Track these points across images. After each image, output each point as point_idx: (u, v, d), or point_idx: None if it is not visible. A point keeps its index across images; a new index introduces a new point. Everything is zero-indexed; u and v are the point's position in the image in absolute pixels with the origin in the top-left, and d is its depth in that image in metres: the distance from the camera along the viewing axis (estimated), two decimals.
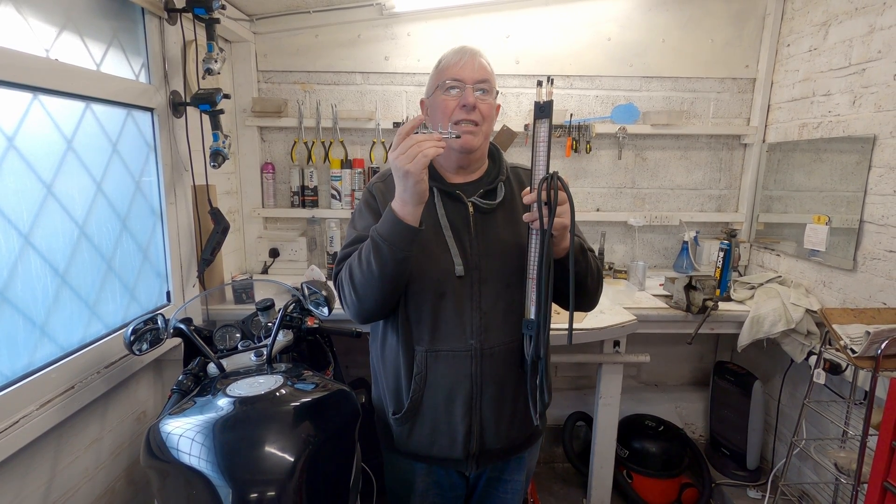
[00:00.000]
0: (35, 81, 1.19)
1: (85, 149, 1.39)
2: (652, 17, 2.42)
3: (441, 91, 1.10)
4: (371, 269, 1.00)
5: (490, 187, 1.14)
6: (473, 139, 1.10)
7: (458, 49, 1.13)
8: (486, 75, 1.11)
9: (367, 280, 1.02)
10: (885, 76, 1.77)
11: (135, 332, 1.30)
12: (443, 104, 1.10)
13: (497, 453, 1.17)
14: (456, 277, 1.07)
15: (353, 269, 1.04)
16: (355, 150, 2.50)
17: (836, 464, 1.68)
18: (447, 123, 1.09)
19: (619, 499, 2.30)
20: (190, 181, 1.83)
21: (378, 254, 0.99)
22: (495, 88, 1.14)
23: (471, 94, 1.08)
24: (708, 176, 2.60)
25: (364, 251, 1.02)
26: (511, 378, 1.12)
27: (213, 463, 0.93)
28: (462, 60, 1.10)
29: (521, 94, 2.47)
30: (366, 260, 1.01)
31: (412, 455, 1.17)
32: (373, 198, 1.15)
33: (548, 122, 0.98)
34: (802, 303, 1.99)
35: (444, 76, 1.10)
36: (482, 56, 1.13)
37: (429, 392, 1.10)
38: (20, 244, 1.19)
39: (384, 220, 1.00)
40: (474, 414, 1.11)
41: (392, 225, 0.98)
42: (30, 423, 1.15)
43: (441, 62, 1.14)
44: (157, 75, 1.69)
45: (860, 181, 1.86)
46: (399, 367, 1.12)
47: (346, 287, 1.07)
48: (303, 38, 2.39)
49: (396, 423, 1.15)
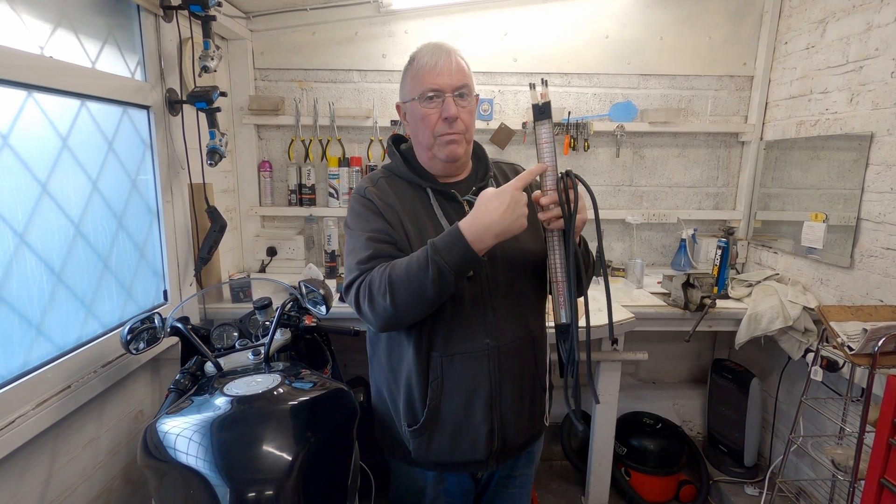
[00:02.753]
0: (29, 79, 1.18)
1: (80, 147, 1.38)
2: (650, 15, 2.42)
3: (420, 102, 1.06)
4: (425, 291, 0.95)
5: (482, 184, 1.14)
6: (458, 148, 1.08)
7: (431, 48, 1.07)
8: (464, 79, 1.06)
9: (415, 299, 0.97)
10: (883, 74, 1.77)
11: (131, 332, 1.29)
12: (425, 117, 1.06)
13: (517, 447, 1.17)
14: (466, 277, 1.06)
15: (396, 285, 0.97)
16: (353, 148, 2.49)
17: (833, 460, 1.68)
18: (430, 137, 1.07)
19: (618, 496, 2.31)
20: (186, 179, 1.83)
21: (440, 281, 0.94)
22: (474, 89, 1.10)
23: (452, 106, 1.04)
24: (706, 174, 2.61)
25: (416, 272, 0.95)
26: (527, 371, 1.12)
27: (211, 462, 0.92)
28: (438, 64, 1.04)
29: (519, 92, 2.47)
30: (419, 282, 0.95)
31: (432, 464, 1.15)
32: (370, 202, 1.10)
33: (548, 122, 0.97)
34: (800, 300, 2.00)
35: (421, 85, 1.05)
36: (458, 55, 1.08)
37: (447, 397, 1.08)
38: (15, 243, 1.19)
39: (452, 247, 0.94)
40: (495, 412, 1.09)
41: (464, 255, 0.94)
42: (26, 423, 1.15)
43: (415, 63, 1.07)
44: (153, 73, 1.68)
45: (857, 179, 1.86)
46: (411, 377, 1.09)
47: (379, 300, 0.99)
48: (300, 36, 2.38)
49: (413, 436, 1.11)
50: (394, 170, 1.15)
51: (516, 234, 0.95)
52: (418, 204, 1.11)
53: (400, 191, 1.12)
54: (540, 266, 1.11)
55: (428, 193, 1.11)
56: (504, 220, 0.93)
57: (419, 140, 1.11)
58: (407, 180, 1.13)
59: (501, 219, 0.93)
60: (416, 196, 1.12)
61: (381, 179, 1.14)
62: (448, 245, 0.95)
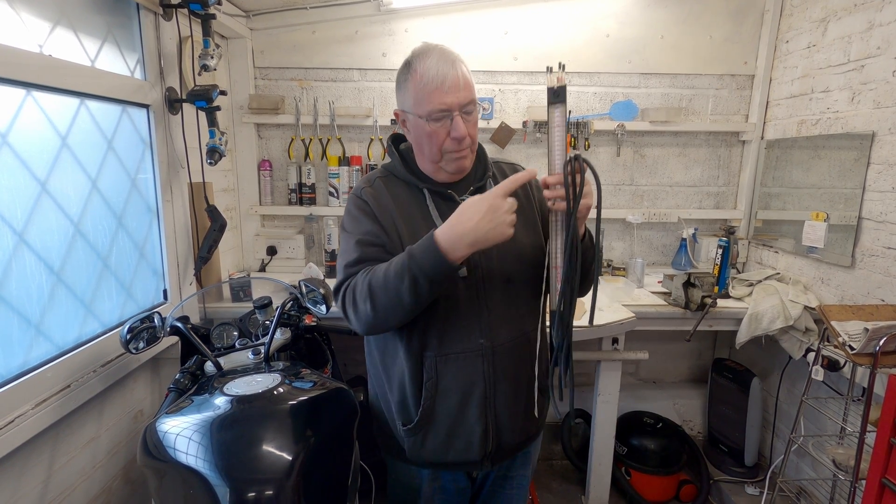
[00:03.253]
0: (28, 77, 1.18)
1: (80, 146, 1.38)
2: (651, 14, 2.42)
3: (426, 120, 1.01)
4: (401, 298, 0.95)
5: (479, 184, 1.12)
6: (466, 161, 1.07)
7: (436, 59, 1.00)
8: (471, 94, 1.02)
9: (393, 306, 0.97)
10: (884, 73, 1.77)
11: (131, 331, 1.29)
12: (432, 135, 1.02)
13: (512, 448, 1.16)
14: (461, 278, 1.05)
15: (375, 292, 0.97)
16: (353, 147, 2.49)
17: (834, 460, 1.68)
18: (438, 153, 1.04)
19: (618, 495, 2.30)
20: (186, 178, 1.82)
21: (415, 288, 0.93)
22: (477, 99, 1.07)
23: (461, 126, 1.01)
24: (706, 173, 2.60)
25: (393, 279, 0.94)
26: (523, 372, 1.12)
27: (211, 462, 0.92)
28: (447, 81, 0.99)
29: (520, 91, 2.46)
30: (395, 289, 0.94)
31: (427, 463, 1.14)
32: (365, 203, 1.09)
33: (562, 106, 0.96)
34: (801, 300, 2.00)
35: (428, 103, 1.00)
36: (461, 64, 1.03)
37: (441, 398, 1.07)
38: (14, 242, 1.18)
39: (425, 254, 0.92)
40: (489, 413, 1.09)
41: (437, 264, 0.92)
42: (25, 423, 1.15)
43: (417, 74, 1.01)
44: (153, 72, 1.67)
45: (859, 178, 1.86)
46: (405, 376, 1.08)
47: (361, 305, 0.99)
48: (300, 35, 2.38)
49: (408, 435, 1.11)
50: (392, 170, 1.14)
51: (497, 242, 0.93)
52: (414, 205, 1.09)
53: (396, 192, 1.11)
54: (537, 266, 1.11)
55: (425, 194, 1.10)
56: (479, 229, 0.91)
57: (424, 153, 1.08)
58: (404, 181, 1.12)
59: (476, 227, 0.91)
60: (412, 197, 1.10)
61: (378, 180, 1.13)
62: (422, 252, 0.93)
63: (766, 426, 2.38)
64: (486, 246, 0.94)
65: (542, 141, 2.51)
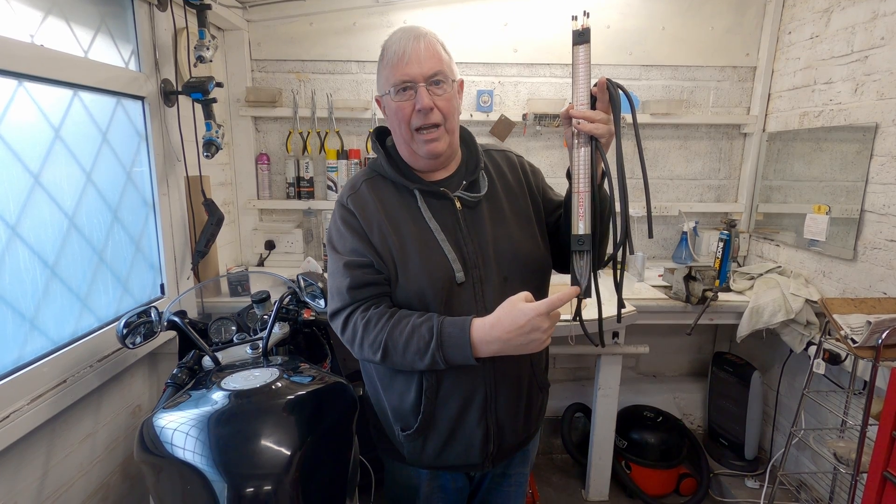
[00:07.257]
0: (20, 68, 1.16)
1: (73, 138, 1.36)
2: (652, 4, 2.39)
3: (393, 96, 0.99)
4: (414, 366, 0.98)
5: (472, 178, 1.08)
6: (438, 144, 1.02)
7: (400, 34, 0.99)
8: (436, 65, 0.98)
9: (402, 367, 1.01)
10: (889, 63, 1.75)
11: (128, 326, 1.27)
12: (398, 111, 0.99)
13: (512, 448, 1.15)
14: (457, 284, 1.02)
15: (389, 352, 0.97)
16: (351, 140, 2.46)
17: (835, 453, 1.68)
18: (407, 131, 1.01)
19: (618, 489, 2.31)
20: (183, 172, 1.80)
21: (431, 366, 0.96)
22: (452, 74, 1.02)
23: (425, 95, 0.97)
24: (707, 166, 2.58)
25: (413, 353, 0.96)
26: (524, 373, 1.10)
27: (208, 457, 0.91)
28: (406, 53, 0.97)
29: (520, 84, 2.44)
30: (411, 362, 0.97)
31: (426, 466, 1.13)
32: (351, 214, 1.05)
33: (586, 46, 0.98)
34: (802, 293, 1.99)
35: (392, 76, 0.98)
36: (428, 38, 0.99)
37: (441, 404, 1.05)
38: (7, 235, 1.17)
39: (455, 348, 0.94)
40: (490, 417, 1.07)
41: (464, 357, 0.94)
42: (21, 418, 1.14)
43: (385, 53, 1.00)
44: (148, 63, 1.65)
45: (861, 170, 1.84)
46: (403, 384, 1.06)
47: (368, 352, 1.00)
48: (297, 26, 2.35)
49: (407, 440, 1.09)
50: (378, 169, 1.09)
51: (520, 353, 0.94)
52: (404, 209, 1.04)
53: (384, 195, 1.06)
54: (536, 268, 1.09)
55: (416, 195, 1.05)
56: (510, 342, 0.91)
57: (398, 135, 1.05)
58: (392, 181, 1.07)
59: (508, 340, 0.91)
60: (401, 200, 1.05)
61: (364, 183, 1.08)
62: (452, 344, 0.94)
63: (766, 420, 2.38)
64: (507, 354, 0.94)
65: (542, 134, 2.48)
